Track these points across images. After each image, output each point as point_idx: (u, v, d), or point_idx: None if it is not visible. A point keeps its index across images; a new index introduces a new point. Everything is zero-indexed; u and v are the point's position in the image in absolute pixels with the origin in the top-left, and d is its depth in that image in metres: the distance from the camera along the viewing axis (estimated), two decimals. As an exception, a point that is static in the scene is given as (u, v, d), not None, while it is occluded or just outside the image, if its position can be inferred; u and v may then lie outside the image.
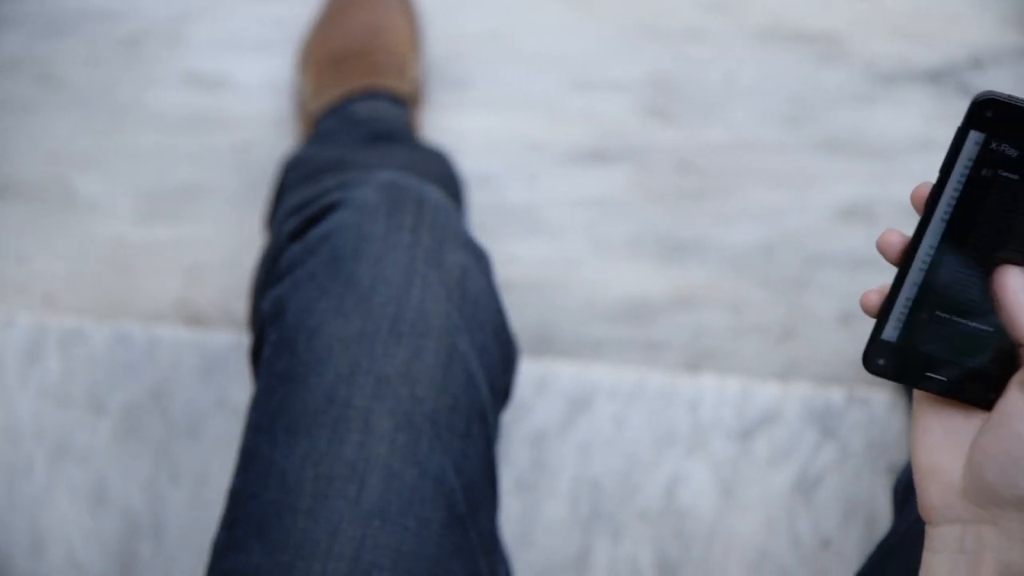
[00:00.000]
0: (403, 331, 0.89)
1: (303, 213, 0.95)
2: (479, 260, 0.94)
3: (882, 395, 1.24)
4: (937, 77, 1.45)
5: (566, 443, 1.23)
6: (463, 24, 1.47)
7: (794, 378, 1.30)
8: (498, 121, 1.44)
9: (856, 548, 1.19)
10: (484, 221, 1.40)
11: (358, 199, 0.92)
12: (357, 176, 0.96)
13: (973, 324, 0.68)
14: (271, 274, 0.96)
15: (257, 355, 0.95)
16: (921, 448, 0.70)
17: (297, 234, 0.94)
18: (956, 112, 1.41)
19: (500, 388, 0.95)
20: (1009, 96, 0.64)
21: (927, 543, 0.70)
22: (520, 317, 1.37)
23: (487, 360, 0.92)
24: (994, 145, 0.65)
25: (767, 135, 1.44)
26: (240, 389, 1.23)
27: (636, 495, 1.21)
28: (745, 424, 1.23)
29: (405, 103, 1.36)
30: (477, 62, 1.46)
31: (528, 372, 1.25)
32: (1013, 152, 0.65)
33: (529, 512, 1.21)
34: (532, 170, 1.42)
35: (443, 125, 1.43)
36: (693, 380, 1.26)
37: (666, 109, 1.45)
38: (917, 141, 1.42)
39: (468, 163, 1.41)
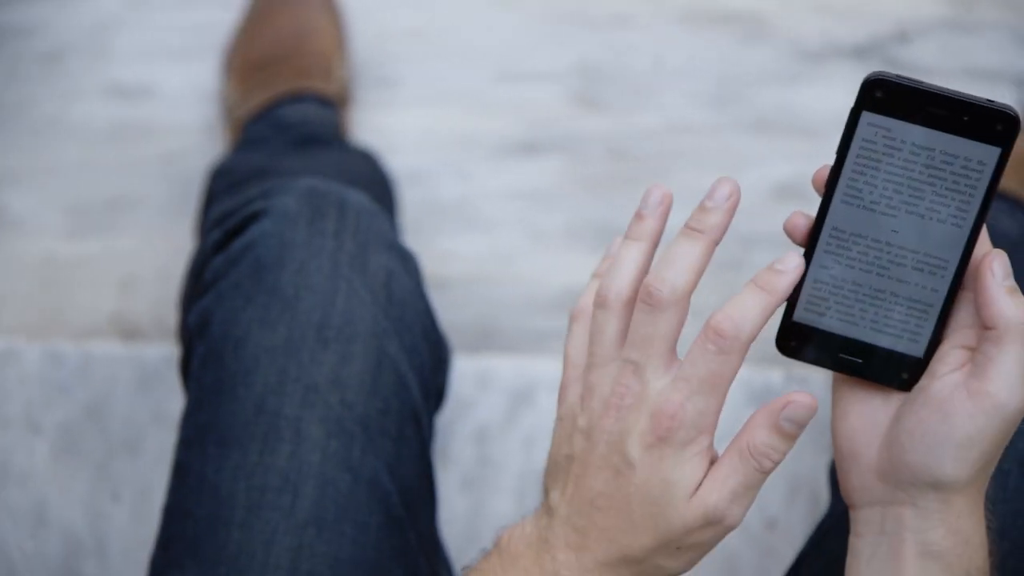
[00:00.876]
0: (330, 337, 0.88)
1: (226, 224, 0.95)
2: (405, 262, 0.94)
3: (820, 374, 1.24)
4: (863, 52, 1.45)
5: (510, 438, 1.22)
6: (388, 22, 1.47)
7: (734, 360, 1.30)
8: (428, 117, 1.44)
9: (802, 526, 1.19)
10: (419, 218, 1.39)
11: (279, 207, 0.92)
12: (279, 184, 0.95)
13: (885, 304, 0.68)
14: (196, 287, 0.95)
15: (187, 368, 0.95)
16: (840, 432, 0.70)
17: (220, 245, 0.94)
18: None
19: (433, 389, 0.94)
20: (898, 76, 0.65)
21: (852, 526, 0.70)
22: (460, 313, 1.36)
23: (417, 362, 0.92)
24: (887, 124, 0.65)
25: (697, 117, 1.44)
26: (178, 402, 1.22)
27: (581, 486, 1.21)
28: (687, 409, 1.23)
29: (333, 104, 1.36)
30: (404, 59, 1.45)
31: (468, 369, 1.24)
32: (905, 129, 0.65)
33: (476, 509, 1.20)
34: (464, 165, 1.42)
35: (373, 124, 1.43)
36: (633, 368, 1.25)
37: (595, 96, 1.45)
38: (846, 117, 1.42)
39: (400, 161, 1.41)
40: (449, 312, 1.37)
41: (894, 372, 0.69)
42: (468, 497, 1.21)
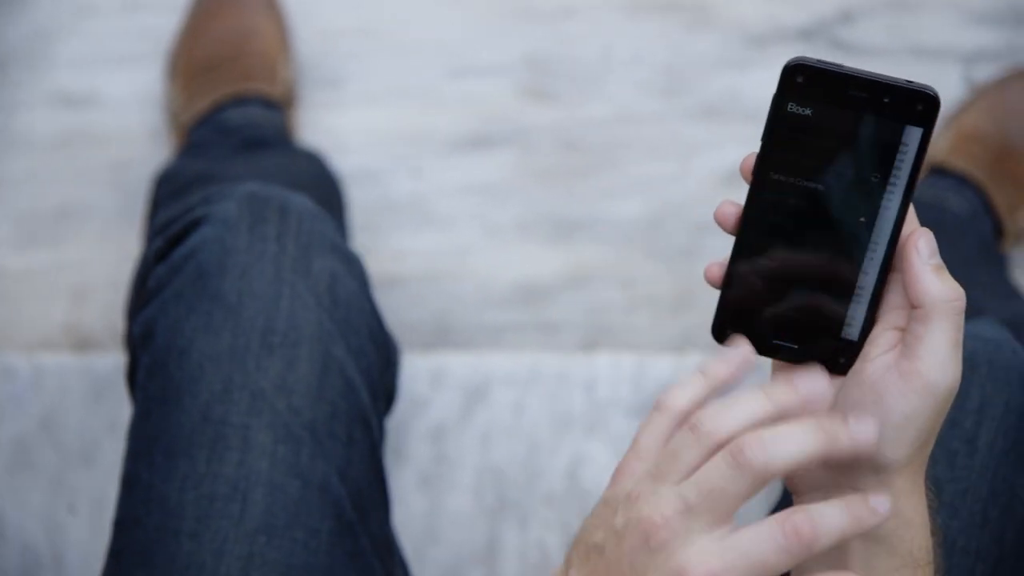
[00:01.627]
0: (275, 343, 0.88)
1: (167, 232, 0.94)
2: (349, 264, 0.94)
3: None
4: (808, 34, 1.46)
5: (466, 435, 1.22)
6: (332, 20, 1.46)
7: (689, 348, 1.30)
8: (376, 115, 1.43)
9: (758, 510, 1.19)
10: (371, 217, 1.39)
11: (220, 213, 0.91)
12: (220, 190, 0.95)
13: (816, 289, 0.68)
14: (140, 296, 0.95)
15: (133, 379, 0.94)
16: None
17: (162, 254, 0.93)
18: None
19: (381, 390, 0.94)
20: (819, 60, 0.65)
21: (796, 513, 0.70)
22: (415, 311, 1.36)
23: (364, 364, 0.91)
24: (809, 108, 0.65)
25: (646, 106, 1.44)
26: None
27: (539, 480, 1.21)
28: (643, 399, 1.23)
29: (278, 106, 1.35)
30: (350, 57, 1.45)
31: (422, 367, 1.24)
32: (828, 113, 0.65)
33: (434, 507, 1.20)
34: (415, 162, 1.42)
35: (321, 125, 1.42)
36: (588, 360, 1.25)
37: (544, 89, 1.44)
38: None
39: (350, 160, 1.40)
40: (404, 310, 1.36)
41: (830, 356, 0.69)
42: (425, 496, 1.20)
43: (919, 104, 0.64)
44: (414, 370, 1.23)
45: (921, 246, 0.66)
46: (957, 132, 1.35)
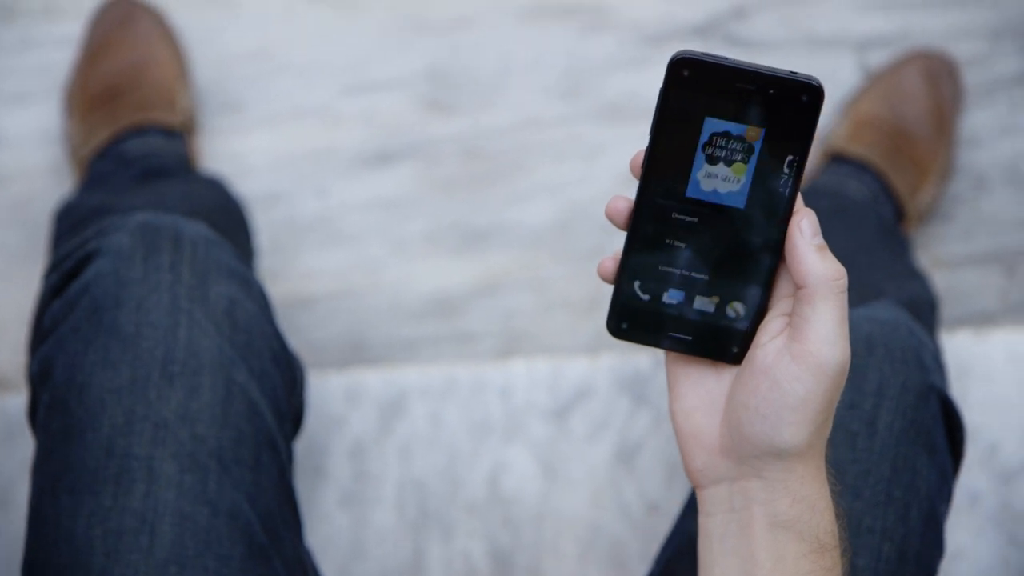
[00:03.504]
0: (175, 372, 0.87)
1: (62, 267, 0.93)
2: (248, 287, 0.93)
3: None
4: (704, 31, 1.47)
5: (385, 449, 1.22)
6: (229, 45, 1.46)
7: (603, 350, 1.31)
8: (278, 137, 1.43)
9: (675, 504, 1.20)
10: (279, 239, 1.38)
11: (113, 246, 0.91)
12: (113, 222, 0.94)
13: (704, 279, 0.69)
14: (37, 333, 0.94)
15: (34, 417, 0.93)
16: (679, 413, 0.71)
17: (58, 289, 0.92)
18: (727, 62, 1.43)
19: (288, 411, 0.94)
20: (703, 54, 0.65)
21: (700, 507, 0.71)
22: (328, 329, 1.36)
23: (268, 387, 0.91)
24: (696, 101, 0.66)
25: (547, 111, 1.44)
26: (47, 449, 1.21)
27: (461, 490, 1.21)
28: (559, 403, 1.24)
29: (179, 134, 1.34)
30: (248, 81, 1.44)
31: (337, 385, 1.24)
32: (714, 106, 0.66)
33: (357, 524, 1.20)
34: (320, 181, 1.41)
35: (223, 150, 1.41)
36: (502, 367, 1.26)
37: (444, 100, 1.45)
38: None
39: (254, 184, 1.40)
40: (317, 329, 1.36)
41: (724, 346, 0.70)
42: (348, 513, 1.20)
43: (804, 95, 0.65)
44: (330, 388, 1.23)
45: (804, 226, 0.67)
46: (854, 119, 1.37)
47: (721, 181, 0.67)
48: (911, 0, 1.48)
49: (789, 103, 0.65)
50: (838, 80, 1.44)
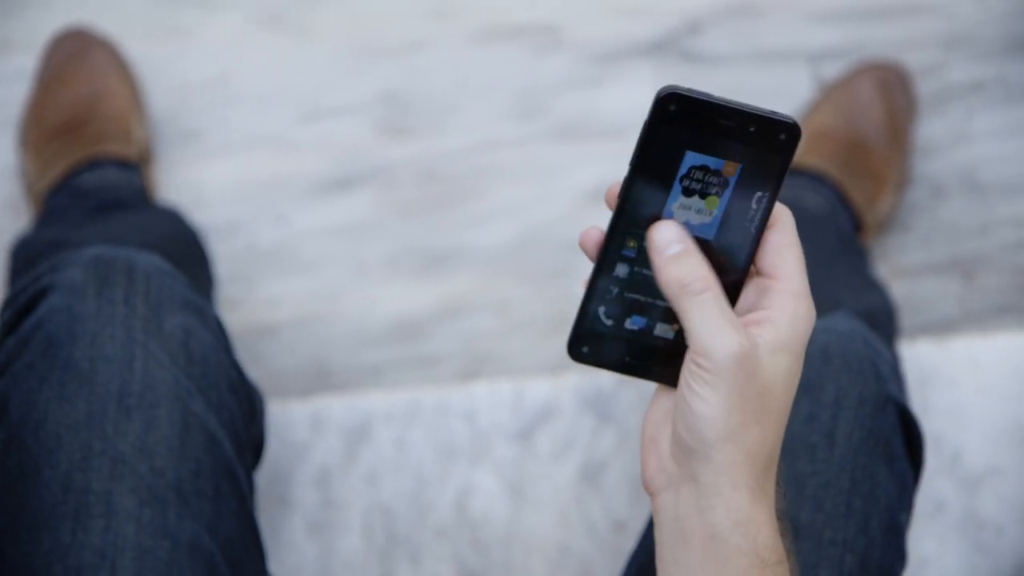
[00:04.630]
0: (132, 405, 0.87)
1: (16, 303, 0.93)
2: (203, 318, 0.93)
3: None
4: (658, 48, 1.47)
5: (351, 476, 1.22)
6: (183, 74, 1.45)
7: (566, 369, 1.31)
8: (235, 166, 1.43)
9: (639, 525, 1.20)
10: (239, 268, 1.38)
11: (66, 281, 0.90)
12: (66, 257, 0.94)
13: (666, 306, 0.70)
14: (-8, 371, 0.93)
15: (-10, 456, 0.93)
16: (646, 422, 0.71)
17: (12, 326, 0.92)
18: (682, 80, 1.44)
19: (247, 441, 0.93)
20: (689, 89, 0.67)
21: (654, 517, 0.71)
22: (291, 357, 1.36)
23: (227, 417, 0.91)
24: (678, 135, 0.67)
25: (503, 132, 1.45)
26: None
27: (429, 514, 1.21)
28: (523, 424, 1.24)
29: (135, 166, 1.34)
30: (204, 110, 1.44)
31: (300, 413, 1.24)
32: (695, 140, 0.67)
33: (325, 552, 1.20)
34: (278, 209, 1.41)
35: (180, 180, 1.41)
36: (466, 390, 1.26)
37: (401, 124, 1.45)
38: (640, 128, 1.44)
39: (213, 213, 1.39)
40: (280, 357, 1.36)
41: (667, 371, 0.71)
42: (315, 541, 1.20)
43: (782, 133, 0.67)
44: (293, 416, 1.23)
45: (656, 240, 0.67)
46: (809, 131, 1.37)
47: (694, 213, 0.68)
48: (864, 12, 1.49)
49: (768, 141, 0.67)
50: (793, 93, 1.45)
